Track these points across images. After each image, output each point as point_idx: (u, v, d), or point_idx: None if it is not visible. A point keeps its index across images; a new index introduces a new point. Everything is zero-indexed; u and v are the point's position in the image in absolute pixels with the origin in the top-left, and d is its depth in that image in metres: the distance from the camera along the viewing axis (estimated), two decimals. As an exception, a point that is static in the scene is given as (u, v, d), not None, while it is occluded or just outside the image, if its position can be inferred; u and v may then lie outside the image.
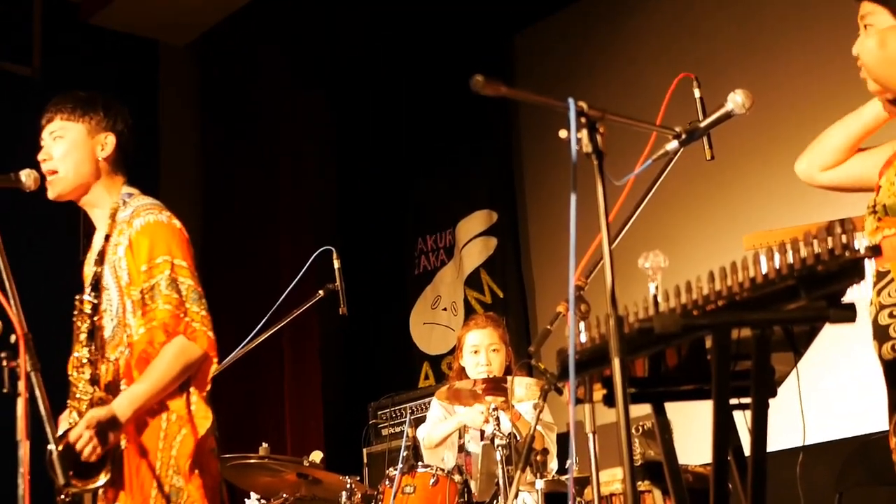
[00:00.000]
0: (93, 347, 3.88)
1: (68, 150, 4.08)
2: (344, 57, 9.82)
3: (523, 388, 5.56)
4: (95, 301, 3.91)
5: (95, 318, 3.89)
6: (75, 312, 3.95)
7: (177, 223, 4.08)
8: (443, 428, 6.23)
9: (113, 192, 4.12)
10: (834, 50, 7.14)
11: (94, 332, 3.89)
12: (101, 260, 3.91)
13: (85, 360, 3.87)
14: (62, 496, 3.76)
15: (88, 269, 4.11)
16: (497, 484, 5.32)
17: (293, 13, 9.37)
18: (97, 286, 3.89)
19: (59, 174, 4.08)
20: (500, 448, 5.27)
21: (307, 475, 5.68)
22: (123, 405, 3.82)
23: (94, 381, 3.87)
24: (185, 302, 3.92)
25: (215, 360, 4.02)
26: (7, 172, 3.91)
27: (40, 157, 4.12)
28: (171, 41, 9.67)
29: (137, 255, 3.93)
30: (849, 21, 7.09)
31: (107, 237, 3.96)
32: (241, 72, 9.61)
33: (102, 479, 3.69)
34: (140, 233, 3.96)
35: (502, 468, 5.19)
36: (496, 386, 5.51)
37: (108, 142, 4.12)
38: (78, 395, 3.90)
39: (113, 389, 3.90)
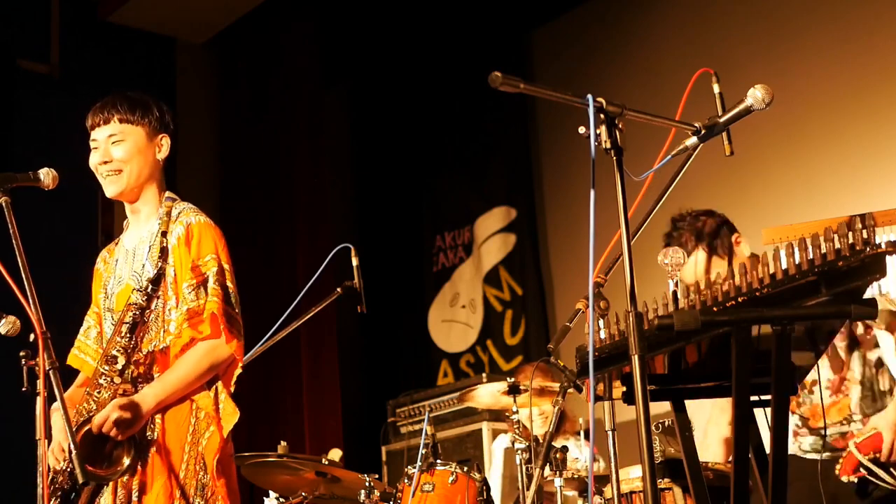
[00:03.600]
0: (132, 340, 3.91)
1: (132, 153, 4.12)
2: (362, 54, 9.83)
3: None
4: (153, 295, 3.94)
5: (146, 312, 3.92)
6: (129, 302, 3.97)
7: (218, 228, 4.17)
8: None
9: (160, 192, 4.19)
10: (855, 45, 7.12)
11: (137, 326, 3.92)
12: (165, 256, 3.96)
13: (119, 351, 3.89)
14: (55, 485, 3.83)
15: (124, 267, 4.16)
16: (518, 488, 5.31)
17: (310, 12, 9.38)
18: (159, 281, 3.91)
19: (123, 173, 4.11)
20: (520, 452, 5.26)
21: (326, 473, 5.67)
22: (148, 396, 3.87)
23: (122, 373, 3.90)
24: (233, 307, 4.00)
25: (241, 364, 4.05)
26: (26, 170, 3.92)
27: (100, 158, 4.13)
28: (189, 39, 9.67)
29: (187, 252, 4.01)
30: (870, 17, 7.10)
31: (164, 234, 4.00)
32: (258, 69, 9.62)
33: (126, 461, 3.72)
34: (189, 231, 4.04)
35: (522, 472, 5.19)
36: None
37: (164, 143, 4.20)
38: (101, 384, 3.92)
39: (144, 381, 3.95)
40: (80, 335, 4.26)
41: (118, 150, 4.11)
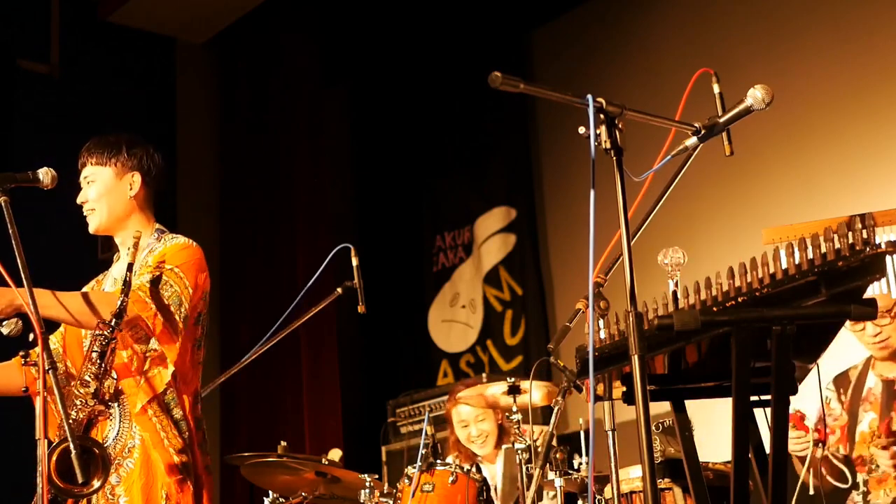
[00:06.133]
0: (101, 367, 4.01)
1: (101, 194, 4.29)
2: (362, 54, 9.82)
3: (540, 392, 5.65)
4: (116, 327, 4.02)
5: (112, 343, 4.01)
6: (95, 333, 4.04)
7: (200, 250, 4.29)
8: None
9: (147, 227, 4.34)
10: (855, 45, 7.12)
11: (105, 354, 4.01)
12: (127, 291, 4.02)
13: (91, 376, 4.01)
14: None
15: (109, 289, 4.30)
16: (518, 488, 5.31)
17: (311, 12, 9.38)
18: (121, 315, 3.98)
19: (95, 212, 4.31)
20: (520, 452, 5.26)
21: (326, 473, 5.67)
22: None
23: (95, 395, 4.01)
24: (161, 299, 4.05)
25: (172, 362, 4.07)
26: (26, 170, 3.93)
27: (79, 199, 4.32)
28: (189, 39, 9.67)
29: (158, 256, 4.14)
30: (870, 17, 7.10)
31: (130, 266, 4.05)
32: (258, 69, 9.62)
33: (96, 483, 3.75)
34: (167, 248, 4.19)
35: (522, 472, 5.19)
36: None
37: (136, 181, 4.32)
38: (77, 404, 4.02)
39: (115, 399, 4.09)
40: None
41: (91, 191, 4.30)
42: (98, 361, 4.01)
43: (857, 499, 4.90)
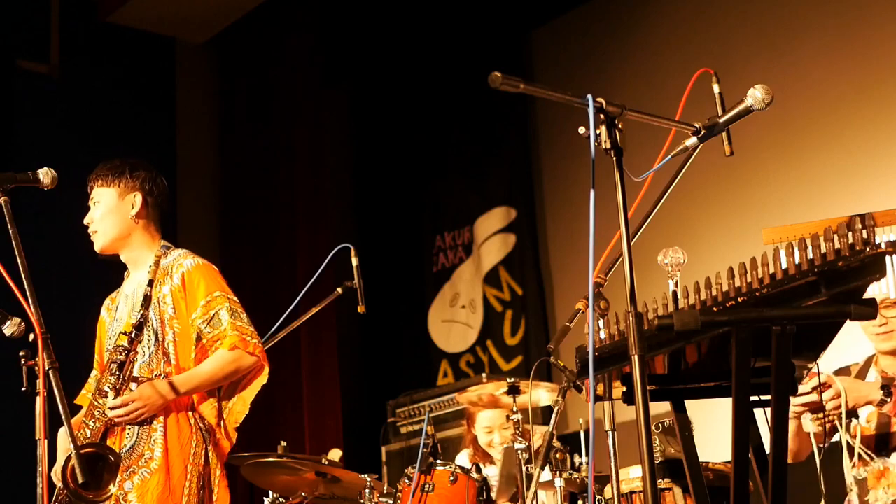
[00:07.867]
0: (120, 378, 4.20)
1: (104, 214, 4.49)
2: (362, 54, 9.82)
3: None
4: (135, 339, 4.26)
5: (130, 354, 4.23)
6: (115, 345, 4.27)
7: (212, 264, 4.59)
8: None
9: (151, 244, 4.53)
10: (854, 46, 7.12)
11: (124, 365, 4.22)
12: (147, 304, 4.29)
13: (109, 387, 4.20)
14: (57, 500, 3.98)
15: (124, 309, 4.48)
16: (516, 486, 5.31)
17: (311, 12, 9.38)
18: (141, 327, 4.24)
19: (98, 233, 4.50)
20: (519, 451, 5.26)
21: (326, 474, 5.67)
22: (166, 387, 4.22)
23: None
24: (249, 325, 4.48)
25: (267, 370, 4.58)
26: (26, 170, 3.93)
27: (86, 220, 4.52)
28: (189, 39, 9.67)
29: (195, 291, 4.40)
30: (871, 17, 7.10)
31: (150, 283, 4.32)
32: (258, 69, 9.62)
33: (112, 489, 3.78)
34: (192, 273, 4.42)
35: (521, 471, 5.19)
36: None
37: (136, 201, 4.50)
38: (96, 415, 4.21)
39: None
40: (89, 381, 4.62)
41: (95, 212, 4.52)
42: (117, 373, 4.18)
43: (853, 499, 4.89)
